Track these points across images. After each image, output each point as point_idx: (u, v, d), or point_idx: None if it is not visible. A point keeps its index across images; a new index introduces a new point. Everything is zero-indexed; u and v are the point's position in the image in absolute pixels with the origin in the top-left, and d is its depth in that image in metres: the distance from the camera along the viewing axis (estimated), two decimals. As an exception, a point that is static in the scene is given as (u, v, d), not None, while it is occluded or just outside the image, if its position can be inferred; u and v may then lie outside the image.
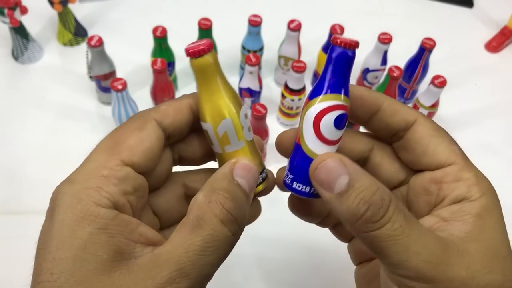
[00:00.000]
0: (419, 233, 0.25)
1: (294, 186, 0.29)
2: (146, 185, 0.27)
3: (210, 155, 0.30)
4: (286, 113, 0.63)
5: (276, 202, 0.43)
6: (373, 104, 0.29)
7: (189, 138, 0.30)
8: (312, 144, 0.28)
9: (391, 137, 0.30)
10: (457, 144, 0.30)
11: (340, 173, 0.25)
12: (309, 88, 0.70)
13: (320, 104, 0.27)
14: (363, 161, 0.31)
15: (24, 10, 0.64)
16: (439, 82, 0.57)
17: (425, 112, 0.60)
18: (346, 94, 0.27)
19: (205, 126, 0.27)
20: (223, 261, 0.25)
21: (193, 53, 0.26)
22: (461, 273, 0.25)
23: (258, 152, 0.30)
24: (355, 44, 0.27)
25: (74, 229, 0.23)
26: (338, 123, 0.27)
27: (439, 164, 0.29)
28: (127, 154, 0.26)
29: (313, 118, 0.27)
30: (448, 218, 0.28)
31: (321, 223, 0.35)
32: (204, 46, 0.26)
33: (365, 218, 0.24)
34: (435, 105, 0.60)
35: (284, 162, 0.63)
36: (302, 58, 0.64)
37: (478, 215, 0.28)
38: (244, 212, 0.26)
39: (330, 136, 0.27)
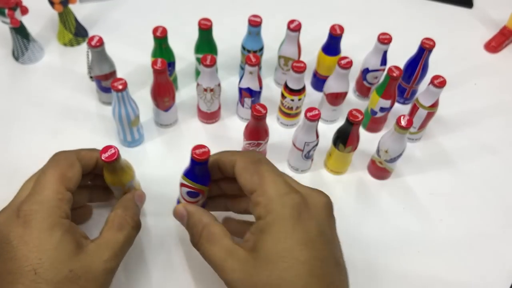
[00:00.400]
0: (216, 250, 0.41)
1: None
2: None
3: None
4: (286, 113, 0.63)
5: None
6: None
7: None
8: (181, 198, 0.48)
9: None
10: (259, 173, 0.41)
11: (182, 213, 0.45)
12: (308, 88, 0.70)
13: (182, 181, 0.47)
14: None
15: (24, 11, 0.64)
16: (439, 82, 0.57)
17: (425, 112, 0.60)
18: (199, 182, 0.46)
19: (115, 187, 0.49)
20: (130, 247, 0.45)
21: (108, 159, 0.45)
22: (235, 275, 0.39)
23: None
24: (204, 158, 0.43)
25: (51, 233, 0.39)
26: (190, 194, 0.47)
27: (249, 193, 0.42)
28: (68, 183, 0.43)
29: (179, 185, 0.47)
30: (252, 232, 0.40)
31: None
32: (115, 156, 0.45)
33: (192, 242, 0.43)
34: (434, 105, 0.60)
35: (282, 161, 0.63)
36: (302, 58, 0.64)
37: (261, 230, 0.39)
38: (139, 220, 0.47)
39: (187, 198, 0.47)
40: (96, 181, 0.50)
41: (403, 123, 0.52)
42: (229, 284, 0.39)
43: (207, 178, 0.46)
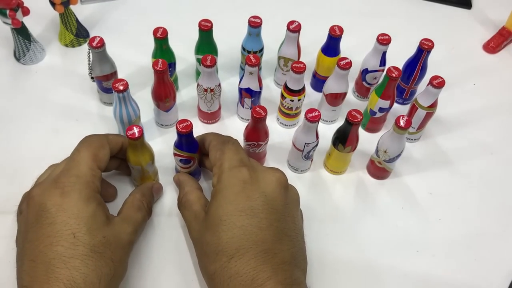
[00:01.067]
0: (188, 213, 0.50)
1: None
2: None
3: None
4: (286, 113, 0.64)
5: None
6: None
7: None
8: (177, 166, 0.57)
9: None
10: (222, 150, 0.50)
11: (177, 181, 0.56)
12: (308, 89, 0.70)
13: (174, 151, 0.54)
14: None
15: (26, 11, 0.64)
16: (438, 83, 0.58)
17: (424, 112, 0.61)
18: (187, 151, 0.54)
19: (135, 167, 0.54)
20: (144, 226, 0.53)
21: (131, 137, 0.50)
22: (194, 235, 0.48)
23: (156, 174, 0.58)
24: (187, 131, 0.51)
25: (87, 203, 0.44)
26: (183, 161, 0.55)
27: (212, 166, 0.50)
28: (99, 163, 0.48)
29: (173, 155, 0.55)
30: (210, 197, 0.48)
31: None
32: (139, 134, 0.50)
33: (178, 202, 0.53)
34: (433, 105, 0.60)
35: (282, 161, 0.64)
36: (301, 59, 0.64)
37: (212, 196, 0.47)
38: (152, 208, 0.54)
39: (181, 164, 0.56)
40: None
41: (402, 123, 0.53)
42: (192, 242, 0.48)
43: (194, 146, 0.54)
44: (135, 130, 0.50)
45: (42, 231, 0.42)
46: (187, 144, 0.53)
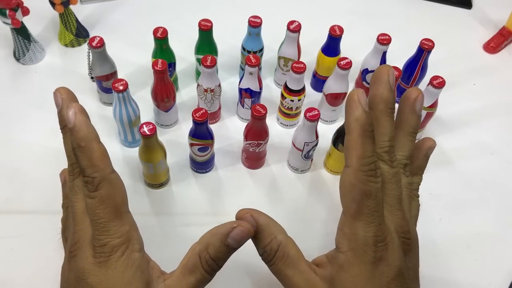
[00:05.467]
0: (290, 275, 0.38)
1: None
2: None
3: None
4: (286, 113, 0.64)
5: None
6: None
7: None
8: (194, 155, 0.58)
9: None
10: (359, 205, 0.36)
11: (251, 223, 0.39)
12: (308, 89, 0.70)
13: (191, 141, 0.55)
14: None
15: (25, 11, 0.64)
16: (438, 83, 0.58)
17: (424, 112, 0.61)
18: (205, 138, 0.55)
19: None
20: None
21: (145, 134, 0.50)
22: None
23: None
24: (203, 119, 0.52)
25: (123, 272, 0.36)
26: (201, 149, 0.56)
27: (342, 206, 0.37)
28: (124, 208, 0.38)
29: (189, 145, 0.57)
30: (330, 259, 0.38)
31: None
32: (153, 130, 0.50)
33: (263, 258, 0.39)
34: (433, 106, 0.60)
35: (281, 161, 0.64)
36: (301, 59, 0.64)
37: (340, 266, 0.37)
38: (223, 261, 0.38)
39: (199, 152, 0.56)
40: None
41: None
42: None
43: (209, 133, 0.55)
44: (147, 128, 0.50)
45: None
46: (203, 132, 0.54)
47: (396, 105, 0.44)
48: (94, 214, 0.36)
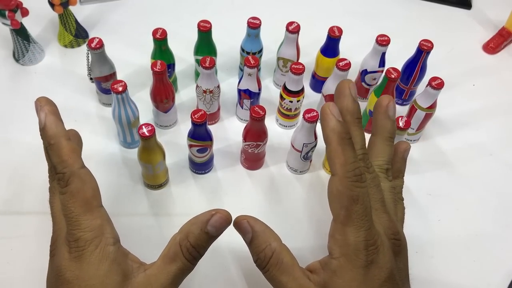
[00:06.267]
0: (284, 281, 0.38)
1: None
2: None
3: None
4: (285, 114, 0.64)
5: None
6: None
7: None
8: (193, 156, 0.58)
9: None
10: (347, 211, 0.37)
11: (247, 230, 0.40)
12: (307, 90, 0.70)
13: (190, 143, 0.55)
14: None
15: (25, 12, 0.64)
16: (437, 84, 0.58)
17: (423, 113, 0.61)
18: (204, 139, 0.55)
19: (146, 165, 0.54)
20: (186, 276, 0.39)
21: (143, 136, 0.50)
22: None
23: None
24: (202, 120, 0.51)
25: (98, 266, 0.37)
26: (200, 151, 0.56)
27: (332, 213, 0.39)
28: (95, 201, 0.38)
29: (188, 147, 0.57)
30: (323, 266, 0.39)
31: None
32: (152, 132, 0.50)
33: (257, 264, 0.40)
34: (432, 107, 0.60)
35: (280, 162, 0.64)
36: (300, 60, 0.64)
37: (333, 272, 0.37)
38: (204, 249, 0.39)
39: (198, 154, 0.56)
40: None
41: (401, 124, 0.53)
42: None
43: (208, 135, 0.55)
44: (146, 129, 0.50)
45: None
46: (202, 133, 0.54)
47: (396, 106, 0.44)
48: (66, 208, 0.38)
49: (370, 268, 0.37)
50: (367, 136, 0.65)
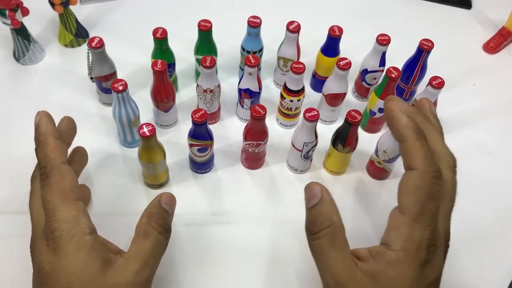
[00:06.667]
0: (333, 256, 0.37)
1: None
2: None
3: None
4: (285, 113, 0.64)
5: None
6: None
7: None
8: (194, 156, 0.58)
9: None
10: (422, 208, 0.36)
11: (316, 195, 0.41)
12: (308, 89, 0.70)
13: (190, 142, 0.55)
14: None
15: (25, 12, 0.64)
16: (437, 83, 0.58)
17: (423, 112, 0.61)
18: (204, 139, 0.54)
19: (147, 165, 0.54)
20: (163, 253, 0.42)
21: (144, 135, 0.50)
22: None
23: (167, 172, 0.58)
24: (203, 120, 0.51)
25: (76, 254, 0.38)
26: (200, 150, 0.56)
27: (401, 205, 0.38)
28: (72, 195, 0.40)
29: (189, 146, 0.56)
30: (375, 255, 0.38)
31: None
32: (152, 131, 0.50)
33: (309, 229, 0.40)
34: (433, 106, 0.60)
35: (281, 162, 0.64)
36: (301, 59, 0.64)
37: (388, 262, 0.37)
38: (169, 223, 0.44)
39: (199, 153, 0.56)
40: None
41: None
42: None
43: (209, 134, 0.55)
44: (146, 129, 0.50)
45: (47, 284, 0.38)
46: (203, 132, 0.54)
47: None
48: (44, 200, 0.39)
49: (425, 267, 0.37)
50: (367, 136, 0.66)
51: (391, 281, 0.37)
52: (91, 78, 0.67)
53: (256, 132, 0.55)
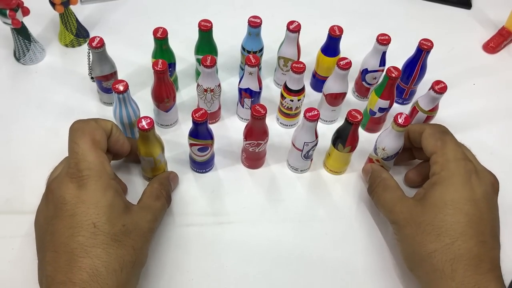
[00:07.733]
0: (387, 197, 0.52)
1: None
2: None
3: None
4: (286, 113, 0.64)
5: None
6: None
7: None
8: (194, 155, 0.58)
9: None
10: (443, 140, 0.50)
11: (368, 170, 0.59)
12: (308, 89, 0.70)
13: (190, 141, 0.56)
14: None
15: (26, 12, 0.64)
16: (440, 88, 0.58)
17: (424, 116, 0.61)
18: (204, 138, 0.55)
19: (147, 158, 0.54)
20: (164, 214, 0.53)
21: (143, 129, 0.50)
22: (401, 215, 0.50)
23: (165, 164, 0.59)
24: (203, 119, 0.52)
25: (104, 193, 0.44)
26: (201, 150, 0.56)
27: (430, 154, 0.51)
28: (101, 145, 0.47)
29: (189, 146, 0.57)
30: (424, 187, 0.50)
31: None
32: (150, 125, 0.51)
33: (369, 191, 0.56)
34: (434, 109, 0.60)
35: (281, 161, 0.64)
36: (301, 59, 0.64)
37: (433, 183, 0.48)
38: (171, 196, 0.56)
39: (199, 153, 0.57)
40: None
41: (400, 121, 0.53)
42: (396, 223, 0.50)
43: (209, 133, 0.55)
44: (145, 122, 0.50)
45: (63, 223, 0.43)
46: (203, 132, 0.54)
47: (396, 105, 0.44)
48: (76, 146, 0.45)
49: (471, 176, 0.47)
50: (368, 135, 0.66)
51: (436, 192, 0.47)
52: (92, 78, 0.67)
53: (256, 131, 0.56)
